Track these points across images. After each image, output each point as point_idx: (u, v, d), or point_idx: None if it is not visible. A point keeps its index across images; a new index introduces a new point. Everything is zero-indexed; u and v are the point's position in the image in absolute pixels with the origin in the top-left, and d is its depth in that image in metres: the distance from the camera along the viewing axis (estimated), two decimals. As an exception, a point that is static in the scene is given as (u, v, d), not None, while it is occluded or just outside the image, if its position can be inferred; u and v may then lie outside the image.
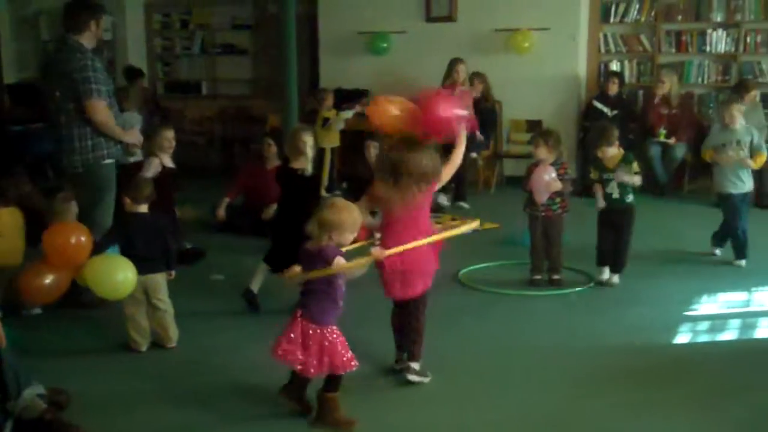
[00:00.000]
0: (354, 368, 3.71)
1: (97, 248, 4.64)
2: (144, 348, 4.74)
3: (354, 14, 10.56)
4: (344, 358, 3.70)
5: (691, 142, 9.23)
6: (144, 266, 4.59)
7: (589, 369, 4.46)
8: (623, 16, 10.05)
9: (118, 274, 4.50)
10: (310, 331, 3.67)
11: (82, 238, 4.62)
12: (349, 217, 3.68)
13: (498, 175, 9.99)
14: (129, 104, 9.13)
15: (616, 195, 5.84)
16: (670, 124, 9.31)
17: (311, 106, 9.99)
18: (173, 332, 4.80)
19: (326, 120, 9.25)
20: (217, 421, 3.88)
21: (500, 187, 9.82)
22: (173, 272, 4.82)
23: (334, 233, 3.66)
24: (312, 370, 3.67)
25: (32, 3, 11.56)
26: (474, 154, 9.08)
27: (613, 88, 9.46)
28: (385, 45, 10.49)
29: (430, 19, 10.36)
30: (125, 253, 4.66)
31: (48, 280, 4.57)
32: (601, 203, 5.88)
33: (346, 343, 3.73)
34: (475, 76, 9.45)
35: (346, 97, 9.76)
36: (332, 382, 3.77)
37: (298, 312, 3.73)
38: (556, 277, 6.02)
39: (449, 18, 10.25)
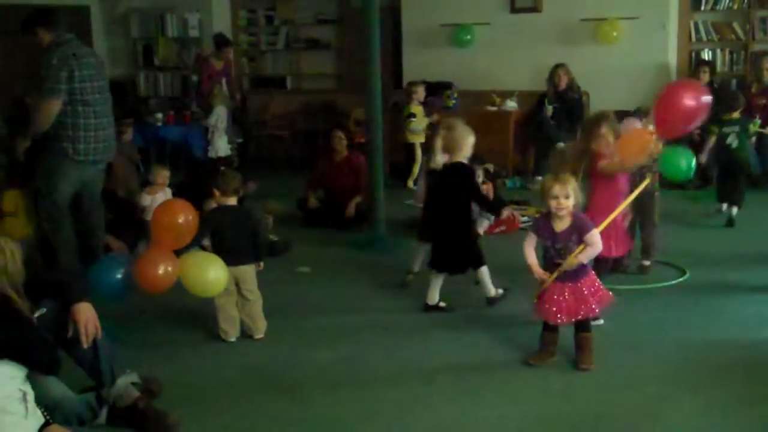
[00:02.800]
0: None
1: (190, 244, 4.67)
2: (233, 338, 4.81)
3: (437, 6, 10.52)
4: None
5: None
6: (234, 257, 4.64)
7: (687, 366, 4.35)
8: (715, 3, 9.74)
9: (209, 273, 4.54)
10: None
11: (190, 217, 4.59)
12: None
13: (584, 167, 9.79)
14: (216, 100, 9.32)
15: (735, 144, 6.82)
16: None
17: (395, 100, 10.03)
18: (261, 323, 4.86)
19: (412, 115, 9.26)
20: (304, 412, 3.91)
21: (587, 179, 9.63)
22: (262, 263, 4.87)
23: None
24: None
25: (123, 1, 11.85)
26: (561, 144, 8.94)
27: (704, 78, 9.16)
28: (468, 37, 10.41)
29: (514, 10, 10.23)
30: (216, 245, 4.73)
31: (161, 270, 4.41)
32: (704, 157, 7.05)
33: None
34: (559, 68, 9.31)
35: (429, 91, 9.74)
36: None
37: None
38: (646, 263, 5.85)
39: (534, 9, 10.11)
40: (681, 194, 8.49)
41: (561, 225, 4.23)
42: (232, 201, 4.84)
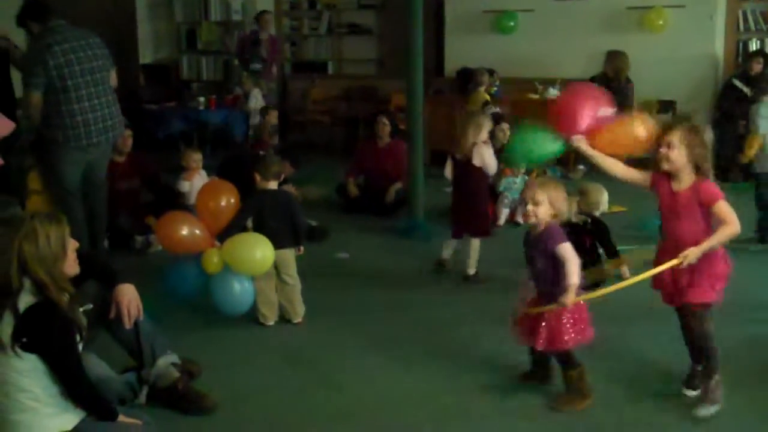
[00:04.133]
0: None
1: (230, 227, 4.75)
2: (272, 322, 4.86)
3: (481, -8, 10.48)
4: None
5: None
6: (274, 241, 4.68)
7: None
8: (765, -9, 9.60)
9: (256, 252, 4.61)
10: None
11: (232, 200, 4.76)
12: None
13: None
14: (247, 84, 9.39)
15: None
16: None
17: (437, 87, 10.01)
18: (300, 307, 4.91)
19: (487, 103, 9.18)
20: (340, 398, 3.95)
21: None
22: (302, 248, 4.92)
23: None
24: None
25: (167, -15, 11.96)
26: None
27: (757, 68, 8.97)
28: (512, 23, 10.35)
29: (559, -4, 10.16)
30: (257, 229, 4.78)
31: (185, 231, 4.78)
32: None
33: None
34: (617, 56, 9.21)
35: (471, 77, 9.70)
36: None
37: None
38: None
39: (579, -5, 10.02)
40: (722, 186, 8.38)
41: (534, 232, 3.84)
42: (273, 185, 4.88)
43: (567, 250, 3.67)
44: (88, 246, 5.68)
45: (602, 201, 5.49)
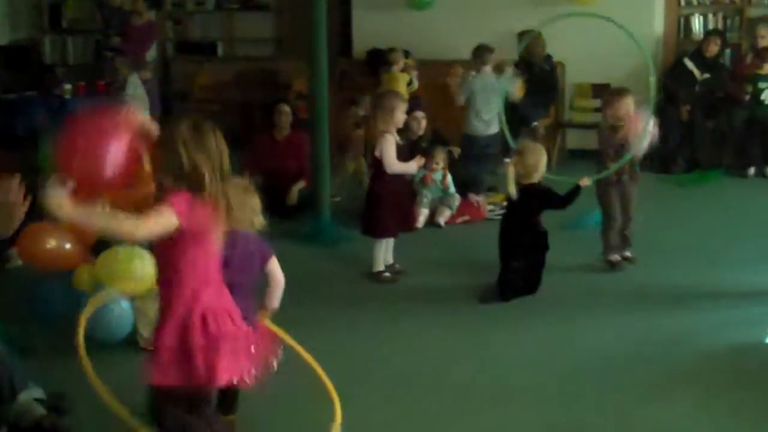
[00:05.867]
0: None
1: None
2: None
3: (392, -37, 10.53)
4: None
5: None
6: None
7: (674, 373, 4.45)
8: (707, -37, 9.91)
9: (135, 267, 4.51)
10: None
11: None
12: None
13: (559, 148, 9.90)
14: (123, 70, 9.26)
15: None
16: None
17: (342, 69, 10.01)
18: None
19: (410, 83, 9.22)
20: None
21: (562, 162, 9.72)
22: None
23: None
24: None
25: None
26: (535, 123, 9.01)
27: (713, 49, 9.22)
28: (428, -1, 10.44)
29: (481, -33, 10.27)
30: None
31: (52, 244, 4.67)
32: None
33: None
34: (531, 37, 9.32)
35: (382, 60, 9.72)
36: None
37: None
38: (629, 254, 6.18)
39: (504, -33, 10.16)
40: (665, 178, 8.70)
41: None
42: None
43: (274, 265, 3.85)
44: None
45: (541, 165, 5.57)
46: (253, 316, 3.61)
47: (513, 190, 5.49)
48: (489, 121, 8.06)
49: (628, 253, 6.17)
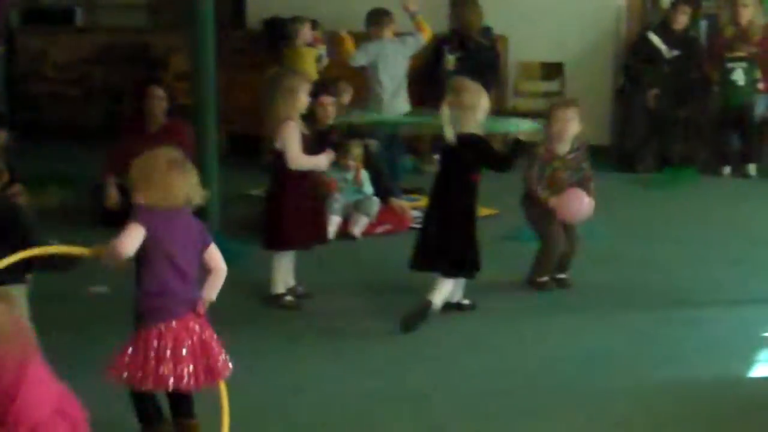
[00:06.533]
0: None
1: None
2: None
3: None
4: None
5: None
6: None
7: (632, 413, 4.50)
8: None
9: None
10: None
11: None
12: None
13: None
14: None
15: (741, 82, 7.86)
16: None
17: (240, 47, 9.93)
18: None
19: (319, 59, 9.19)
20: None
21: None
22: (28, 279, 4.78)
23: None
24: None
25: None
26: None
27: (682, 20, 9.35)
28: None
29: None
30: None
31: None
32: None
33: None
34: (465, 4, 9.38)
35: (283, 32, 9.67)
36: None
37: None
38: (564, 276, 6.23)
39: None
40: (629, 178, 8.83)
41: None
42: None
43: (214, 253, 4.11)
44: None
45: (479, 108, 5.53)
46: (196, 304, 3.98)
47: (450, 134, 5.48)
48: (394, 95, 8.16)
49: (563, 275, 6.22)
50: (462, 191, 5.57)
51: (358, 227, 7.35)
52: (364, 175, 7.50)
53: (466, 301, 5.77)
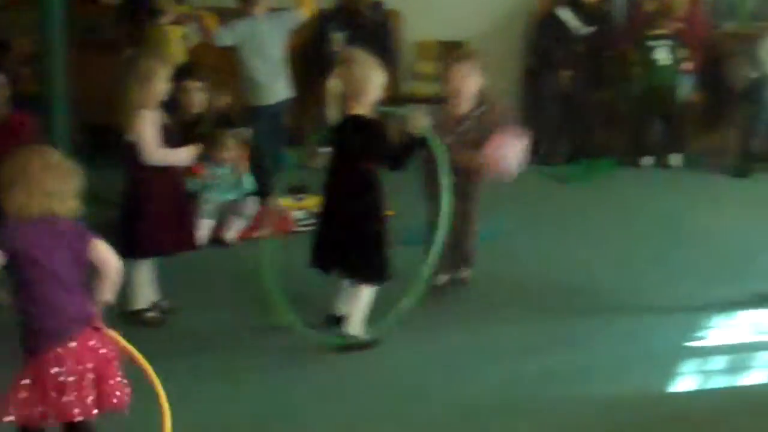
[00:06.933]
0: None
1: None
2: None
3: None
4: None
5: (700, 73, 9.46)
6: None
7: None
8: None
9: None
10: None
11: None
12: None
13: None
14: None
15: (665, 61, 8.33)
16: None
17: (88, 22, 9.80)
18: None
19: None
20: None
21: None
22: None
23: None
24: None
25: None
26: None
27: None
28: None
29: None
30: None
31: None
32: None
33: None
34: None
35: (144, 7, 9.56)
36: None
37: None
38: (466, 274, 6.27)
39: None
40: (539, 171, 8.90)
41: None
42: None
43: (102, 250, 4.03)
44: None
45: (371, 84, 5.43)
46: (91, 317, 3.92)
47: (333, 114, 5.39)
48: (273, 80, 8.18)
49: (464, 274, 6.25)
50: (359, 185, 5.42)
51: (233, 231, 7.28)
52: (244, 175, 7.43)
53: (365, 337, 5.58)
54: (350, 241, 5.43)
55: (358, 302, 5.43)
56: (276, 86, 8.21)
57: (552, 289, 6.35)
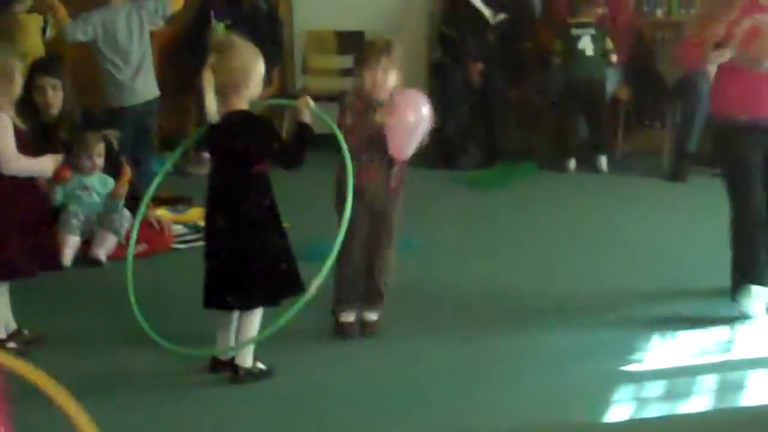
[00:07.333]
0: None
1: None
2: None
3: None
4: None
5: (627, 66, 9.64)
6: None
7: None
8: None
9: None
10: None
11: None
12: None
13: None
14: None
15: (590, 52, 8.92)
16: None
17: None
18: None
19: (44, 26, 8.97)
20: None
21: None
22: None
23: None
24: None
25: None
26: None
27: None
28: None
29: None
30: None
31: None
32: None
33: None
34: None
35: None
36: None
37: None
38: (374, 318, 6.05)
39: None
40: (450, 176, 8.92)
41: None
42: None
43: None
44: None
45: (252, 74, 5.34)
46: None
47: (213, 109, 5.23)
48: (137, 78, 8.20)
49: (371, 317, 6.03)
50: (250, 190, 5.31)
51: (105, 249, 7.18)
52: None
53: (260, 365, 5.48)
54: (247, 260, 5.30)
55: (251, 329, 5.34)
56: (138, 85, 8.11)
57: (466, 308, 6.34)
